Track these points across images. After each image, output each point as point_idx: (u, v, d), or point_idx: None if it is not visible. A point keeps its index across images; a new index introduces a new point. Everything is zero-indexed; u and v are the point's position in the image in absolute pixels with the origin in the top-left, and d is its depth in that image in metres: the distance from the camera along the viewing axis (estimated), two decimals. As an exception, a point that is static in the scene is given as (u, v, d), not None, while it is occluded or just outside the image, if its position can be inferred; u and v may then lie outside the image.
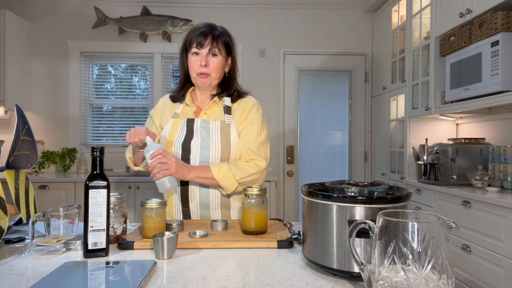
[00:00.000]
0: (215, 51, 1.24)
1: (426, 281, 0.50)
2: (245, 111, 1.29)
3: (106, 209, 0.83)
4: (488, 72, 2.01)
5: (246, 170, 1.20)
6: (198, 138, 1.24)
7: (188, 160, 1.24)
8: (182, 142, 1.25)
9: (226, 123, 1.26)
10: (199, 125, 1.26)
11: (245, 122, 1.28)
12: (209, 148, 1.23)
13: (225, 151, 1.23)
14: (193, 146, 1.24)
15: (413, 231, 0.51)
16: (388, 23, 3.25)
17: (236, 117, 1.28)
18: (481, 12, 2.05)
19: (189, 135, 1.25)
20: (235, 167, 1.19)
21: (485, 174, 2.16)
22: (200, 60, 1.24)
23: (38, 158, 0.94)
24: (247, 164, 1.22)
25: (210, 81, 1.26)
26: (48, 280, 0.67)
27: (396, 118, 3.13)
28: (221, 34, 1.26)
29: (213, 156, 1.22)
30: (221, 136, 1.24)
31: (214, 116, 1.28)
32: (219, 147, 1.23)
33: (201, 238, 0.95)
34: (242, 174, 1.20)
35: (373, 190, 0.74)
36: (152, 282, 0.69)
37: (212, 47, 1.23)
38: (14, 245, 0.93)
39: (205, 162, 1.23)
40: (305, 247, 0.77)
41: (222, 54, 1.26)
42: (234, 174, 1.18)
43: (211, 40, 1.23)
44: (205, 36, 1.23)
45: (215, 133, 1.24)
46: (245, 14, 3.59)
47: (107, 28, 3.50)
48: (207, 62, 1.24)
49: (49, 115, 3.49)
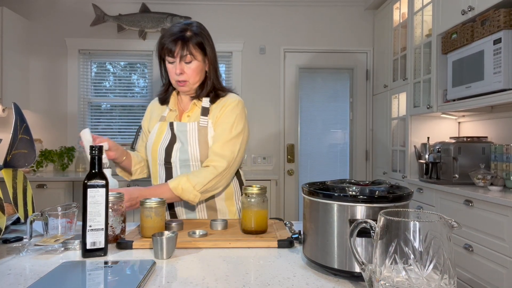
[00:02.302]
0: (188, 58, 1.19)
1: (428, 281, 0.49)
2: (221, 110, 1.25)
3: (105, 208, 0.83)
4: (490, 70, 2.00)
5: (204, 177, 1.15)
6: (179, 141, 1.24)
7: (170, 163, 1.24)
8: (166, 146, 1.25)
9: (201, 125, 1.24)
10: (177, 128, 1.25)
11: (218, 121, 1.24)
12: (187, 151, 1.22)
13: (204, 153, 1.22)
14: (174, 149, 1.24)
15: (414, 230, 0.50)
16: (389, 21, 3.24)
17: (213, 117, 1.25)
18: (483, 9, 2.04)
19: (172, 139, 1.26)
20: (194, 176, 1.15)
21: (487, 173, 2.15)
22: (175, 68, 1.21)
23: (36, 156, 0.94)
24: (205, 170, 1.17)
25: (190, 87, 1.25)
26: (46, 280, 0.67)
27: (398, 117, 3.12)
28: (193, 35, 1.19)
29: (192, 159, 1.22)
30: (199, 138, 1.22)
31: (194, 118, 1.27)
32: (197, 149, 1.22)
33: (200, 238, 0.94)
34: (202, 182, 1.15)
35: (374, 189, 0.73)
36: (151, 282, 0.68)
37: (184, 54, 1.18)
38: (12, 245, 0.93)
39: (185, 165, 1.23)
40: (306, 247, 0.77)
41: (197, 58, 1.21)
42: (194, 185, 1.14)
43: (181, 46, 1.17)
44: (175, 42, 1.17)
45: (192, 135, 1.23)
46: (245, 11, 3.57)
47: (106, 26, 3.49)
48: (182, 70, 1.20)
49: (47, 113, 3.48)
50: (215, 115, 1.25)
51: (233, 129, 1.22)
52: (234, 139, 1.22)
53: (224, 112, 1.24)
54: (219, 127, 1.23)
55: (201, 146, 1.22)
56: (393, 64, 3.17)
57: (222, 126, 1.22)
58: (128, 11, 3.48)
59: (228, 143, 1.20)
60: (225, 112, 1.24)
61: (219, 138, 1.21)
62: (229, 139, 1.21)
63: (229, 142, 1.21)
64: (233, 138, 1.21)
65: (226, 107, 1.25)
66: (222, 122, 1.23)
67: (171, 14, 3.45)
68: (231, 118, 1.23)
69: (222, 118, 1.23)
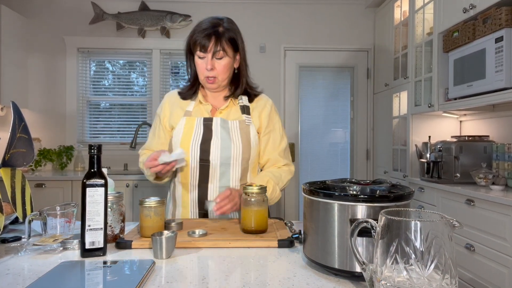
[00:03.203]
0: (220, 54, 1.18)
1: (429, 281, 0.49)
2: (264, 113, 1.28)
3: (104, 207, 0.82)
4: (492, 69, 1.99)
5: (284, 178, 1.25)
6: (217, 138, 1.20)
7: (208, 161, 1.20)
8: (200, 143, 1.20)
9: (247, 123, 1.24)
10: (218, 124, 1.22)
11: (268, 127, 1.28)
12: (229, 149, 1.19)
13: (246, 151, 1.21)
14: (213, 146, 1.20)
15: (415, 230, 0.50)
16: (390, 19, 3.22)
17: (254, 117, 1.27)
18: (485, 7, 2.03)
19: (207, 135, 1.21)
20: (275, 177, 1.22)
21: (489, 172, 2.14)
22: (205, 63, 1.19)
23: (34, 156, 0.93)
24: (283, 171, 1.26)
25: (218, 84, 1.23)
26: (44, 280, 0.66)
27: (399, 115, 3.11)
28: (225, 30, 1.19)
29: (234, 157, 1.20)
30: (241, 136, 1.21)
31: (232, 115, 1.25)
32: (240, 148, 1.20)
33: (200, 238, 0.94)
34: (282, 183, 1.24)
35: (375, 189, 0.73)
36: (151, 282, 0.68)
37: (216, 50, 1.17)
38: (10, 245, 0.92)
39: (226, 163, 1.20)
40: (306, 247, 0.76)
41: (228, 54, 1.20)
42: (278, 186, 1.21)
43: (214, 42, 1.17)
44: (209, 37, 1.16)
45: (235, 133, 1.21)
46: (244, 9, 3.56)
47: (105, 24, 3.47)
48: (213, 66, 1.19)
49: (46, 112, 3.46)
50: (256, 115, 1.27)
51: (284, 136, 1.32)
52: (288, 146, 1.33)
53: (271, 118, 1.29)
54: (272, 133, 1.29)
55: (244, 144, 1.21)
56: (394, 63, 3.16)
57: (275, 133, 1.30)
58: (127, 9, 3.46)
59: (286, 149, 1.32)
60: (272, 118, 1.30)
61: (276, 145, 1.29)
62: (285, 146, 1.31)
63: (286, 148, 1.32)
64: (287, 145, 1.33)
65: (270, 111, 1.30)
66: (274, 128, 1.30)
67: (171, 12, 3.43)
68: (279, 123, 1.32)
69: (272, 124, 1.29)
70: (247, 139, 1.22)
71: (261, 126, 1.28)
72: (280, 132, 1.31)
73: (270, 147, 1.28)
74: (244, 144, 1.21)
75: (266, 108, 1.29)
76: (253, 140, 1.24)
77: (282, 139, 1.30)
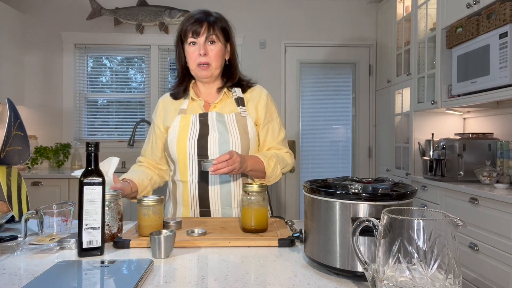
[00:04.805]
0: (213, 38, 1.19)
1: (432, 281, 0.49)
2: (261, 104, 1.27)
3: (101, 206, 0.82)
4: (496, 65, 1.97)
5: (285, 160, 1.25)
6: (215, 133, 1.19)
7: (207, 156, 1.19)
8: (197, 139, 1.19)
9: (242, 115, 1.23)
10: (214, 118, 1.21)
11: (266, 118, 1.27)
12: (228, 143, 1.18)
13: (245, 143, 1.20)
14: (211, 142, 1.19)
15: (418, 229, 0.50)
16: (392, 14, 3.20)
17: (251, 109, 1.25)
18: (489, 2, 2.01)
19: (204, 131, 1.20)
20: (277, 157, 1.22)
21: (493, 170, 2.12)
22: (198, 49, 1.18)
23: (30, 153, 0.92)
24: (285, 155, 1.27)
25: (212, 72, 1.21)
26: (41, 279, 0.66)
27: (401, 112, 3.09)
28: (217, 19, 1.21)
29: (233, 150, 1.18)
30: (239, 128, 1.20)
31: (226, 108, 1.24)
32: (239, 141, 1.19)
33: (199, 237, 0.93)
34: (283, 164, 1.24)
35: (377, 187, 0.72)
36: (149, 282, 0.67)
37: (209, 34, 1.18)
38: (6, 244, 0.91)
39: None
40: (307, 246, 0.76)
41: (220, 41, 1.21)
42: (279, 165, 1.22)
43: (207, 27, 1.18)
44: (201, 23, 1.18)
45: (232, 125, 1.20)
46: (244, 4, 3.54)
47: (102, 19, 3.44)
48: (206, 51, 1.18)
49: (42, 109, 3.43)
50: (252, 106, 1.26)
51: (281, 126, 1.32)
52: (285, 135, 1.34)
53: (267, 108, 1.28)
54: (270, 124, 1.28)
55: (242, 136, 1.20)
56: (397, 59, 3.14)
57: (273, 123, 1.29)
58: (125, 4, 3.43)
59: (285, 139, 1.33)
60: (269, 108, 1.29)
61: (275, 134, 1.28)
62: (284, 135, 1.32)
63: (285, 138, 1.33)
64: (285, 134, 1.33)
65: (266, 102, 1.28)
66: (272, 118, 1.29)
67: (169, 7, 3.41)
68: (276, 113, 1.31)
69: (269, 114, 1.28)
70: (245, 131, 1.21)
71: (259, 117, 1.26)
72: (278, 122, 1.30)
73: (269, 137, 1.28)
74: (242, 137, 1.20)
75: (262, 99, 1.27)
76: (251, 132, 1.22)
77: (280, 129, 1.31)
